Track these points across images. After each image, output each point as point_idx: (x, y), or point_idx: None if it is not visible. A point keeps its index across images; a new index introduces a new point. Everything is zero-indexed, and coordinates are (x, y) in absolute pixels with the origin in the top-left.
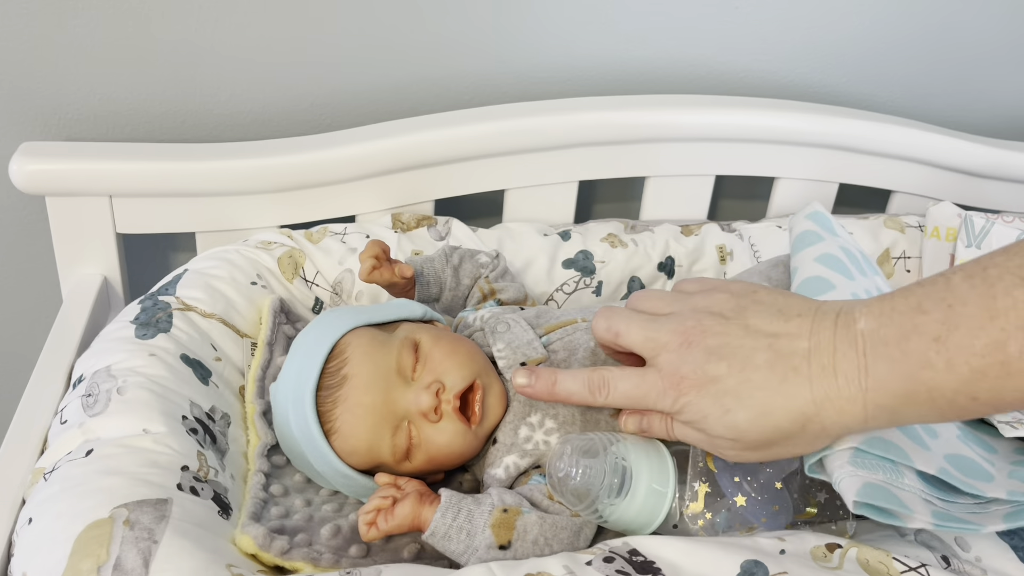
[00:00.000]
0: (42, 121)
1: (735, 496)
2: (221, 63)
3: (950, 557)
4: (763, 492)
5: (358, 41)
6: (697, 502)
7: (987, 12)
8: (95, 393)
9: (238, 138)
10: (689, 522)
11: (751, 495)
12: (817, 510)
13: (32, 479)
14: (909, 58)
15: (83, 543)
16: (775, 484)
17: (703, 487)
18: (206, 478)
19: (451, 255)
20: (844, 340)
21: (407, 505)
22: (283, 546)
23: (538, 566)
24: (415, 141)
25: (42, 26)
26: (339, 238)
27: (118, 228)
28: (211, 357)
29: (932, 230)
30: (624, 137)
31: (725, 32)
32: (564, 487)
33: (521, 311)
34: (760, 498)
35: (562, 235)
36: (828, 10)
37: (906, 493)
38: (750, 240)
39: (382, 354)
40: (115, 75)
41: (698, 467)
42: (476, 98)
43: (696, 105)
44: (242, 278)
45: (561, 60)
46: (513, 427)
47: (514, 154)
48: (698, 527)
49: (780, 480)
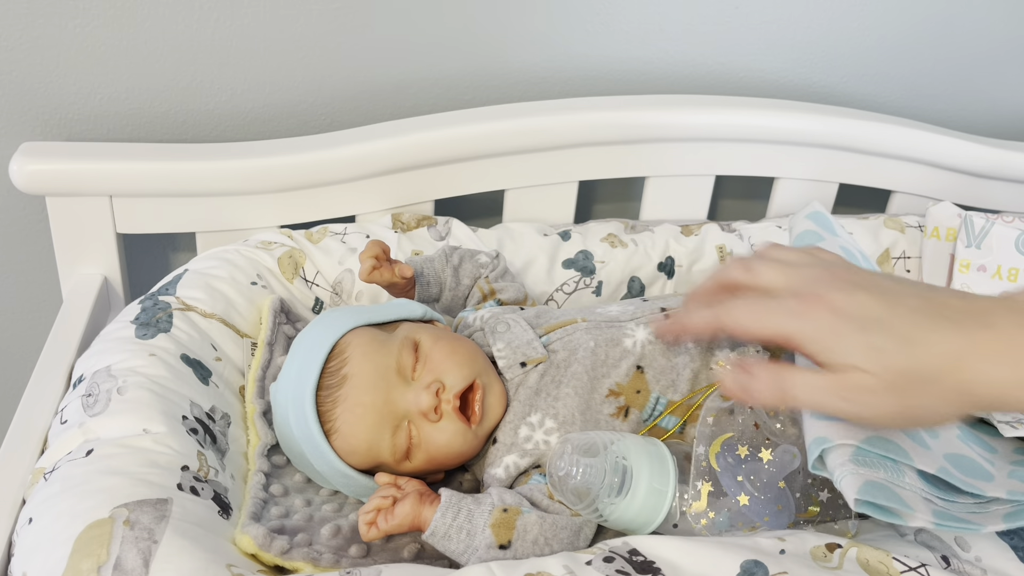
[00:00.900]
0: (42, 121)
1: (738, 495)
2: (221, 63)
3: (950, 557)
4: (766, 491)
5: (358, 41)
6: (700, 501)
7: (987, 12)
8: (95, 393)
9: (238, 138)
10: (692, 521)
11: (754, 494)
12: (819, 509)
13: (32, 479)
14: (909, 58)
15: (83, 543)
16: (777, 483)
17: (706, 486)
18: (206, 478)
19: (451, 255)
20: (1001, 304)
21: (407, 505)
22: (283, 546)
23: (538, 566)
24: (415, 141)
25: (42, 26)
26: (339, 238)
27: (118, 228)
28: (211, 357)
29: (932, 230)
30: (624, 137)
31: (725, 32)
32: (564, 486)
33: (521, 311)
34: (763, 497)
35: (562, 235)
36: (828, 10)
37: (907, 492)
38: (750, 240)
39: (382, 354)
40: (115, 75)
41: (701, 466)
42: (476, 98)
43: (696, 105)
44: (242, 278)
45: (561, 60)
46: (513, 427)
47: (514, 154)
48: (700, 526)
49: (782, 479)
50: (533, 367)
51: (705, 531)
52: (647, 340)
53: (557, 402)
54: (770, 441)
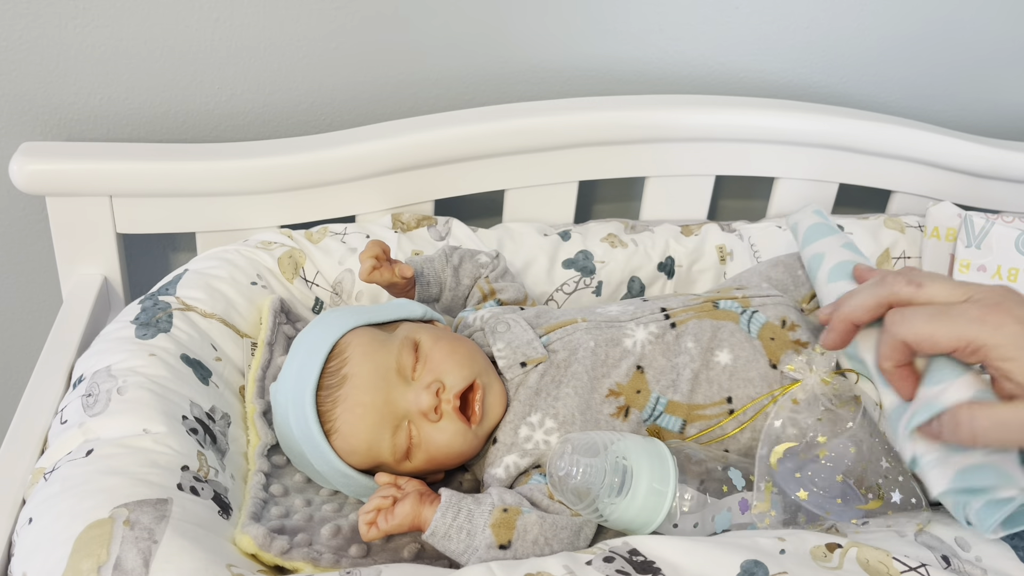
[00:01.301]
0: (42, 121)
1: (796, 492)
2: (221, 63)
3: (950, 557)
4: (823, 487)
5: (358, 41)
6: (764, 502)
7: (987, 12)
8: (95, 393)
9: (238, 138)
10: (756, 520)
11: (812, 489)
12: (882, 503)
13: (32, 479)
14: (909, 58)
15: (83, 543)
16: (835, 478)
17: (768, 486)
18: (206, 478)
19: (451, 255)
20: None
21: (407, 505)
22: (283, 546)
23: (538, 566)
24: (415, 141)
25: (42, 26)
26: (339, 238)
27: (118, 228)
28: (211, 357)
29: (932, 230)
30: (624, 137)
31: (725, 32)
32: (564, 486)
33: (521, 311)
34: (822, 492)
35: (562, 235)
36: (828, 10)
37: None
38: (750, 240)
39: (382, 354)
40: (115, 75)
41: (763, 466)
42: (476, 98)
43: (696, 105)
44: (242, 278)
45: (561, 60)
46: (513, 427)
47: (514, 154)
48: (764, 525)
49: (840, 473)
50: (533, 367)
51: (770, 529)
52: (647, 340)
53: (557, 402)
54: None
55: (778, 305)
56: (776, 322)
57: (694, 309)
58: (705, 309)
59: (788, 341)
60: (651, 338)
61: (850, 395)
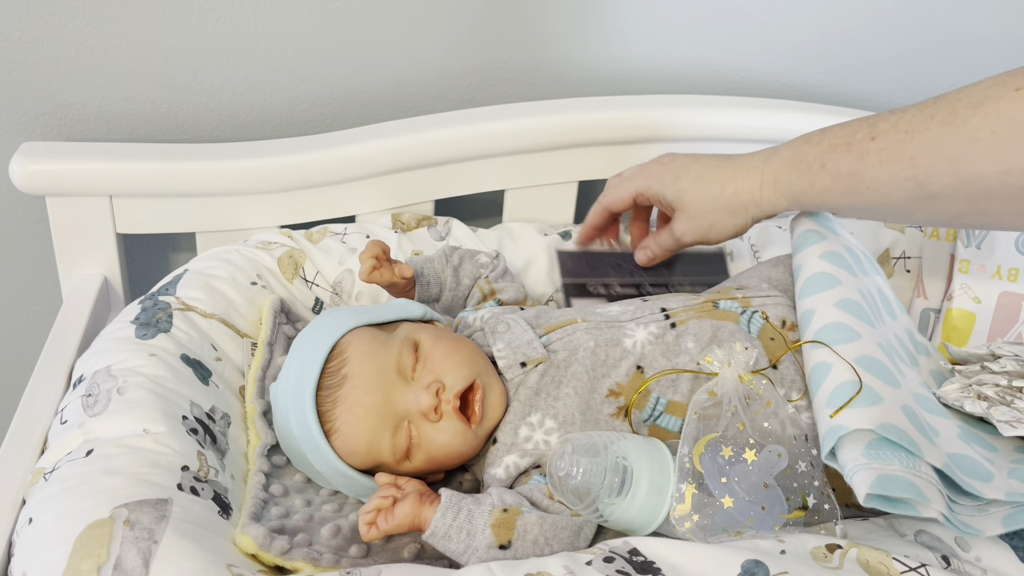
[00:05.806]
0: (42, 121)
1: (722, 497)
2: (221, 63)
3: (950, 557)
4: (750, 492)
5: (358, 41)
6: (684, 504)
7: (987, 12)
8: (95, 393)
9: (238, 138)
10: (676, 524)
11: (739, 495)
12: (806, 511)
13: (32, 479)
14: (909, 58)
15: (83, 543)
16: (762, 484)
17: (690, 488)
18: (206, 478)
19: (451, 255)
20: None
21: (407, 505)
22: (283, 546)
23: (538, 566)
24: (415, 141)
25: (42, 26)
26: (339, 238)
27: (118, 228)
28: (211, 357)
29: (932, 230)
30: (624, 137)
31: (725, 32)
32: (564, 486)
33: (521, 311)
34: (747, 498)
35: (562, 235)
36: (828, 10)
37: (923, 481)
38: (750, 240)
39: (382, 354)
40: (115, 75)
41: (685, 468)
42: (476, 98)
43: (696, 105)
44: (242, 278)
45: (561, 60)
46: (513, 427)
47: (514, 154)
48: (685, 529)
49: (767, 480)
50: (533, 367)
51: (689, 535)
52: (647, 340)
53: (557, 402)
54: (755, 442)
55: (778, 305)
56: (776, 322)
57: (694, 309)
58: (705, 309)
59: (788, 341)
60: (651, 338)
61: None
